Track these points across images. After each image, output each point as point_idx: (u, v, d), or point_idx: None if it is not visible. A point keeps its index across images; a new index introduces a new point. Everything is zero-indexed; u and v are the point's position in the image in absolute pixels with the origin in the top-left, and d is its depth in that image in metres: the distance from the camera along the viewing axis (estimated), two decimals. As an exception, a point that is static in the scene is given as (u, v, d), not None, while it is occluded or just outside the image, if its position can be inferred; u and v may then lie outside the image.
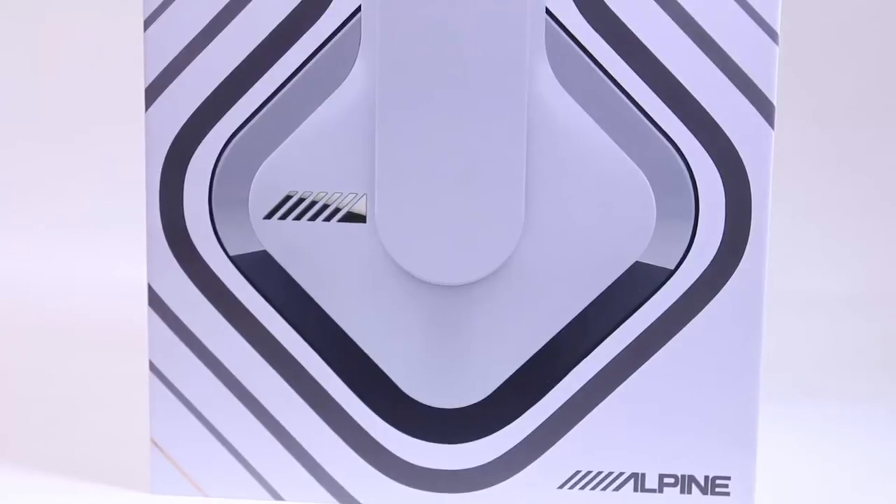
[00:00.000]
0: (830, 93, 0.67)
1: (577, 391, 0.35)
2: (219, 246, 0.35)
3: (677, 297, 0.35)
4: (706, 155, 0.34)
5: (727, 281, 0.34)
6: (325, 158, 0.35)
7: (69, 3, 0.71)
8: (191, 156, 0.35)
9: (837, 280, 0.65)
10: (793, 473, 0.40)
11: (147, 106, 0.35)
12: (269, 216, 0.35)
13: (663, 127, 0.34)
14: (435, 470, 0.36)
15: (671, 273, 0.35)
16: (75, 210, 0.71)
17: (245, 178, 0.35)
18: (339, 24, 0.34)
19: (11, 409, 0.49)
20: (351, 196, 0.35)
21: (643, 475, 0.35)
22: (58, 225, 0.71)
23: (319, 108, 0.35)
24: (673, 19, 0.34)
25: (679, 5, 0.33)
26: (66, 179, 0.71)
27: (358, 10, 0.34)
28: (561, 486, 0.36)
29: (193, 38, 0.35)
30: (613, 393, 0.35)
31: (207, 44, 0.35)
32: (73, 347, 0.59)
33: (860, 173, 0.66)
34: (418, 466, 0.36)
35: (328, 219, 0.35)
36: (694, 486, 0.35)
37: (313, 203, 0.35)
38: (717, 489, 0.35)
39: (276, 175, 0.35)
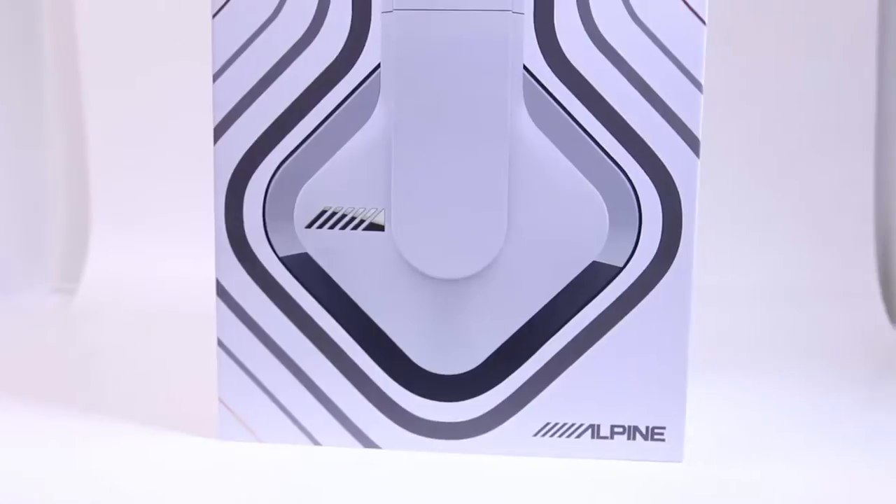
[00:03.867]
0: (746, 129, 0.67)
1: (548, 361, 0.35)
2: (270, 249, 0.36)
3: (625, 288, 0.35)
4: (647, 178, 0.34)
5: (664, 275, 0.35)
6: (353, 181, 0.35)
7: (151, 55, 0.71)
8: (249, 179, 0.35)
9: (749, 275, 0.65)
10: (713, 424, 0.40)
11: (215, 140, 0.35)
12: (309, 226, 0.35)
13: (614, 157, 0.34)
14: (437, 422, 0.36)
15: (620, 269, 0.35)
16: (164, 222, 0.71)
17: (291, 197, 0.35)
18: (363, 77, 0.34)
19: (112, 375, 0.49)
20: (373, 210, 0.35)
21: (598, 426, 0.36)
22: (148, 233, 0.71)
23: (348, 143, 0.35)
24: (622, 74, 0.34)
25: (626, 63, 0.34)
26: (153, 199, 0.71)
27: (378, 66, 0.34)
28: (535, 435, 0.36)
29: (251, 89, 0.35)
30: (576, 362, 0.35)
31: (261, 93, 0.35)
32: (159, 327, 0.59)
33: (770, 191, 0.66)
34: (424, 419, 0.36)
35: (355, 228, 0.35)
36: (637, 434, 0.36)
37: (344, 216, 0.35)
38: (655, 436, 0.35)
39: (315, 194, 0.35)
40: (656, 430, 0.35)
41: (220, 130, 0.35)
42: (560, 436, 0.36)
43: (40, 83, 0.74)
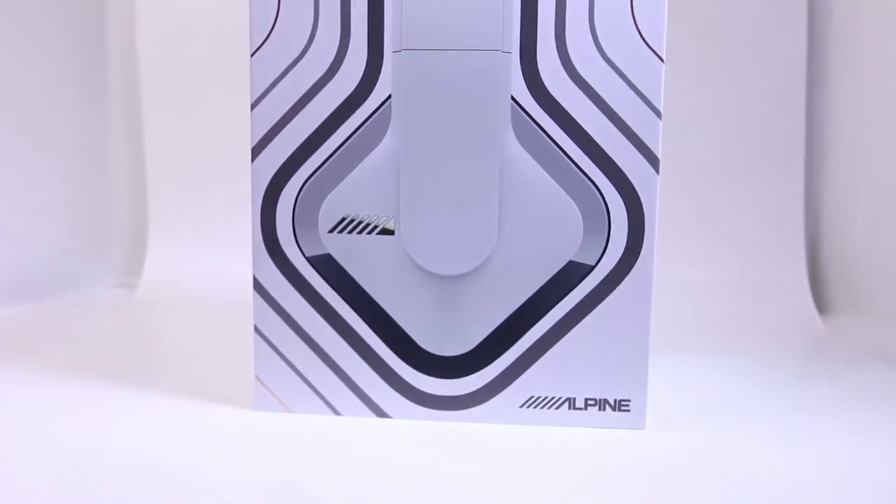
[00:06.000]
0: (698, 149, 0.67)
1: (532, 344, 0.35)
2: (298, 250, 0.36)
3: (597, 283, 0.35)
4: (615, 191, 0.34)
5: (629, 272, 0.35)
6: (368, 193, 0.35)
7: (201, 88, 0.71)
8: (281, 191, 0.35)
9: (701, 272, 0.65)
10: (670, 397, 0.40)
11: (252, 159, 0.35)
12: (331, 231, 0.35)
13: (587, 173, 0.34)
14: (439, 395, 0.36)
15: (592, 267, 0.35)
16: (210, 227, 0.71)
17: (316, 206, 0.35)
18: (376, 106, 0.34)
19: (166, 356, 0.49)
20: (384, 217, 0.35)
21: (574, 398, 0.35)
22: (197, 237, 0.71)
23: (364, 161, 0.35)
24: (594, 103, 0.34)
25: (597, 94, 0.34)
26: (201, 208, 0.71)
27: (389, 97, 0.34)
28: (521, 406, 0.36)
29: (282, 116, 0.35)
30: (555, 345, 0.35)
31: (291, 120, 0.35)
32: (206, 316, 0.59)
33: (718, 202, 0.67)
34: (428, 393, 0.36)
35: (370, 232, 0.35)
36: (607, 406, 0.35)
37: (360, 222, 0.35)
38: (622, 408, 0.35)
39: (336, 204, 0.35)
40: (623, 403, 0.35)
41: (256, 151, 0.35)
42: (542, 407, 0.36)
43: (106, 109, 0.74)
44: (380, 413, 0.36)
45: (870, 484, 0.30)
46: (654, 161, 0.34)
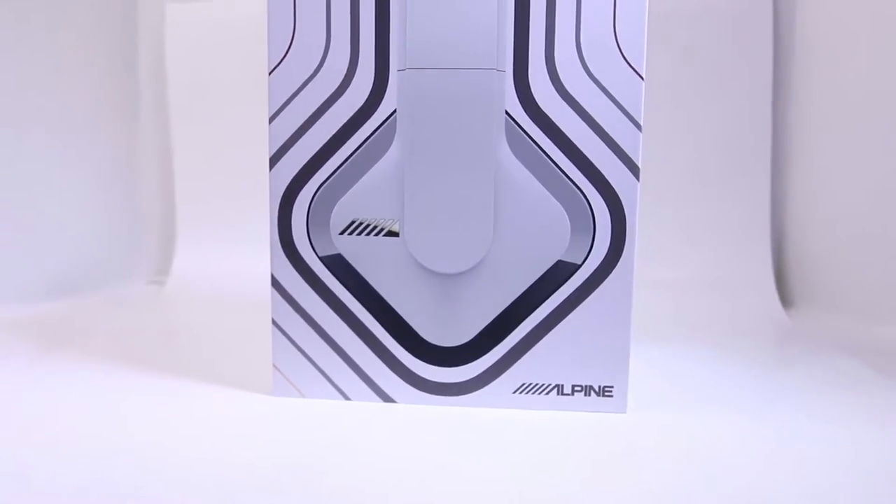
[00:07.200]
0: (674, 158, 0.67)
1: (524, 336, 0.35)
2: (312, 250, 0.36)
3: (583, 280, 0.35)
4: (599, 196, 0.34)
5: (612, 271, 0.34)
6: (375, 198, 0.35)
7: (225, 102, 0.71)
8: (296, 197, 0.35)
9: (677, 271, 0.65)
10: (649, 384, 0.40)
11: (270, 167, 0.35)
12: (342, 233, 0.35)
13: (574, 180, 0.34)
14: (439, 382, 0.36)
15: (579, 266, 0.35)
16: (233, 229, 0.71)
17: (328, 210, 0.35)
18: (383, 120, 0.34)
19: (192, 346, 0.49)
20: (390, 221, 0.35)
21: (562, 385, 0.35)
22: (221, 238, 0.71)
23: (372, 169, 0.35)
24: (580, 117, 0.34)
25: (583, 108, 0.34)
26: (225, 212, 0.71)
27: (394, 112, 0.34)
28: (514, 392, 0.36)
29: (297, 129, 0.35)
30: (545, 336, 0.35)
31: (305, 132, 0.35)
32: (228, 310, 0.59)
33: (693, 207, 0.66)
34: (429, 380, 0.36)
35: (376, 234, 0.35)
36: (592, 392, 0.35)
37: (368, 225, 0.35)
38: (606, 393, 0.35)
39: (346, 208, 0.35)
40: (606, 389, 0.35)
41: (274, 160, 0.35)
42: (533, 393, 0.36)
43: (137, 123, 0.74)
44: (386, 398, 0.36)
45: (830, 465, 0.30)
46: (634, 169, 0.34)
